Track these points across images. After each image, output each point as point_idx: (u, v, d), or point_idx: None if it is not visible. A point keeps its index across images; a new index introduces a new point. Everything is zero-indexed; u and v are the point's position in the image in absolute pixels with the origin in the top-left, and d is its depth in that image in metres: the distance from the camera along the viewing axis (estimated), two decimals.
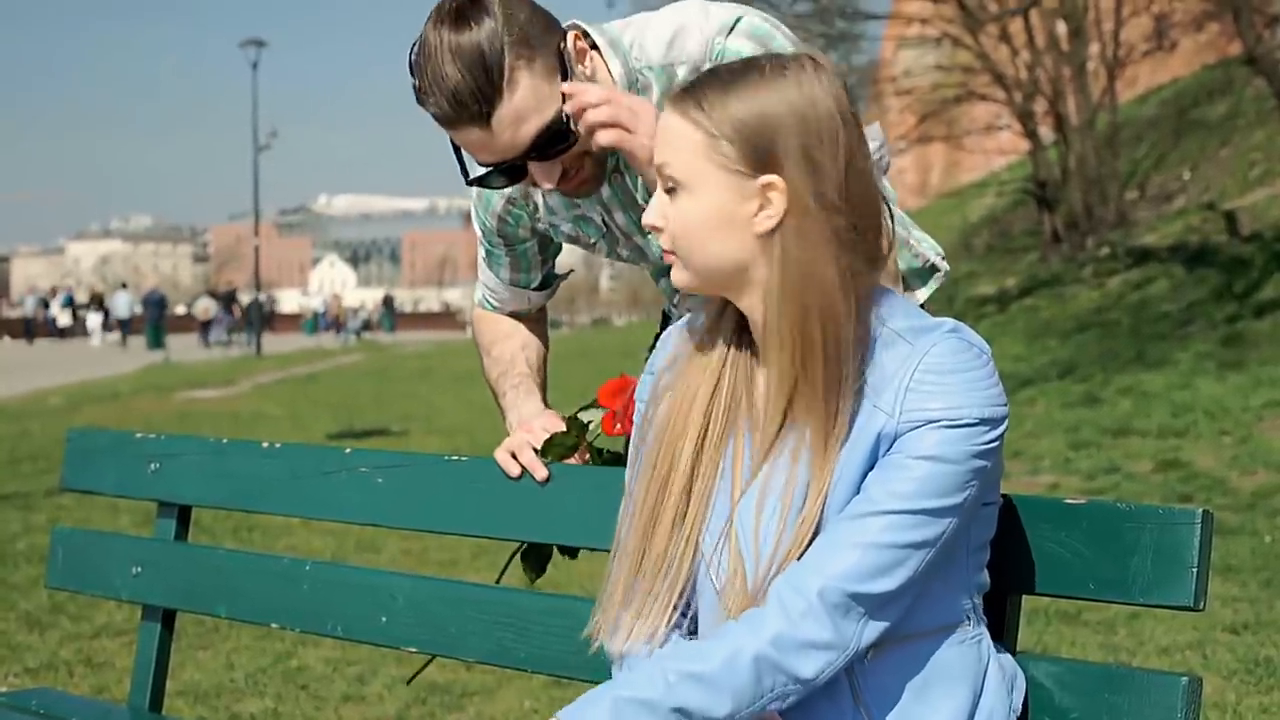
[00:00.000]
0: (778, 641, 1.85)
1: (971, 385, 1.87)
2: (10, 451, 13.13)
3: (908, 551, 1.86)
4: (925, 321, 1.94)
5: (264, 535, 8.46)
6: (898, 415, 1.88)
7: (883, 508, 1.86)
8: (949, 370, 1.88)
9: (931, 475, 1.86)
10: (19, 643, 6.06)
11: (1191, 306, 15.72)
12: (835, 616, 1.85)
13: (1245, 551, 7.06)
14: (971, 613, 1.97)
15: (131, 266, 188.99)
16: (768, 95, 1.92)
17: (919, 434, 1.87)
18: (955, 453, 1.86)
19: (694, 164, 1.93)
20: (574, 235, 2.78)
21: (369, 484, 2.89)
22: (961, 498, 1.87)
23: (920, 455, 1.86)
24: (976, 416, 1.86)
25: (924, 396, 1.87)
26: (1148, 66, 30.17)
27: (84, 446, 3.48)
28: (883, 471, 1.89)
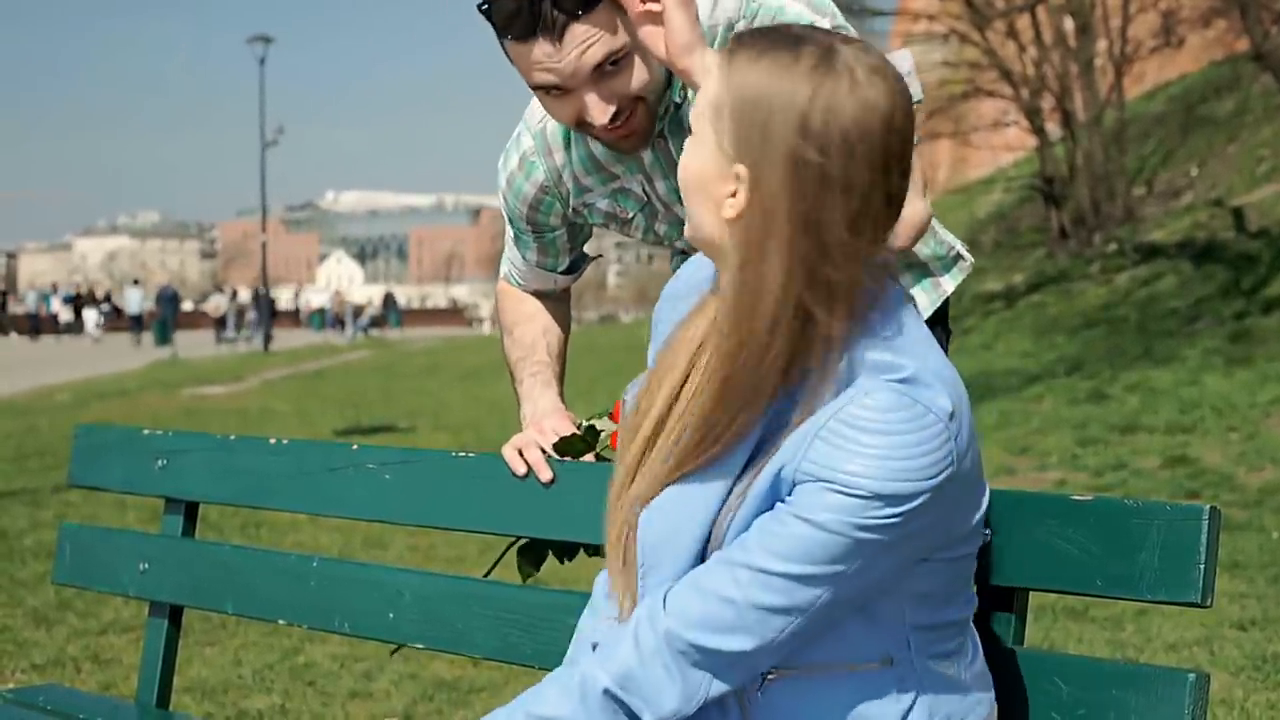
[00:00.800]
0: (625, 680, 1.77)
1: (886, 454, 1.67)
2: (18, 447, 13.14)
3: (766, 614, 1.72)
4: (890, 359, 1.74)
5: (271, 531, 8.47)
6: (796, 461, 1.72)
7: (753, 563, 1.73)
8: (865, 429, 1.68)
9: (808, 540, 1.70)
10: (26, 639, 6.07)
11: (1199, 303, 15.71)
12: (681, 664, 1.75)
13: (1253, 548, 7.05)
14: (901, 653, 1.82)
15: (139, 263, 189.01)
16: (786, 81, 1.71)
17: (806, 489, 1.71)
18: (836, 522, 1.68)
19: (701, 118, 1.79)
20: (611, 211, 2.72)
21: (376, 480, 2.89)
22: (840, 568, 1.70)
23: (801, 515, 1.70)
24: (871, 491, 1.67)
25: (829, 451, 1.69)
26: (1155, 63, 30.15)
27: (91, 443, 3.49)
28: (767, 521, 1.75)
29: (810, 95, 1.69)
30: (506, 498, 2.66)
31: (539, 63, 2.35)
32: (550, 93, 2.41)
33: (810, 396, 1.75)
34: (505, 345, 2.92)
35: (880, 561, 1.73)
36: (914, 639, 1.83)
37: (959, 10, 23.72)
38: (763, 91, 1.71)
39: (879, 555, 1.72)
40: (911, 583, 1.80)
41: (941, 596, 1.85)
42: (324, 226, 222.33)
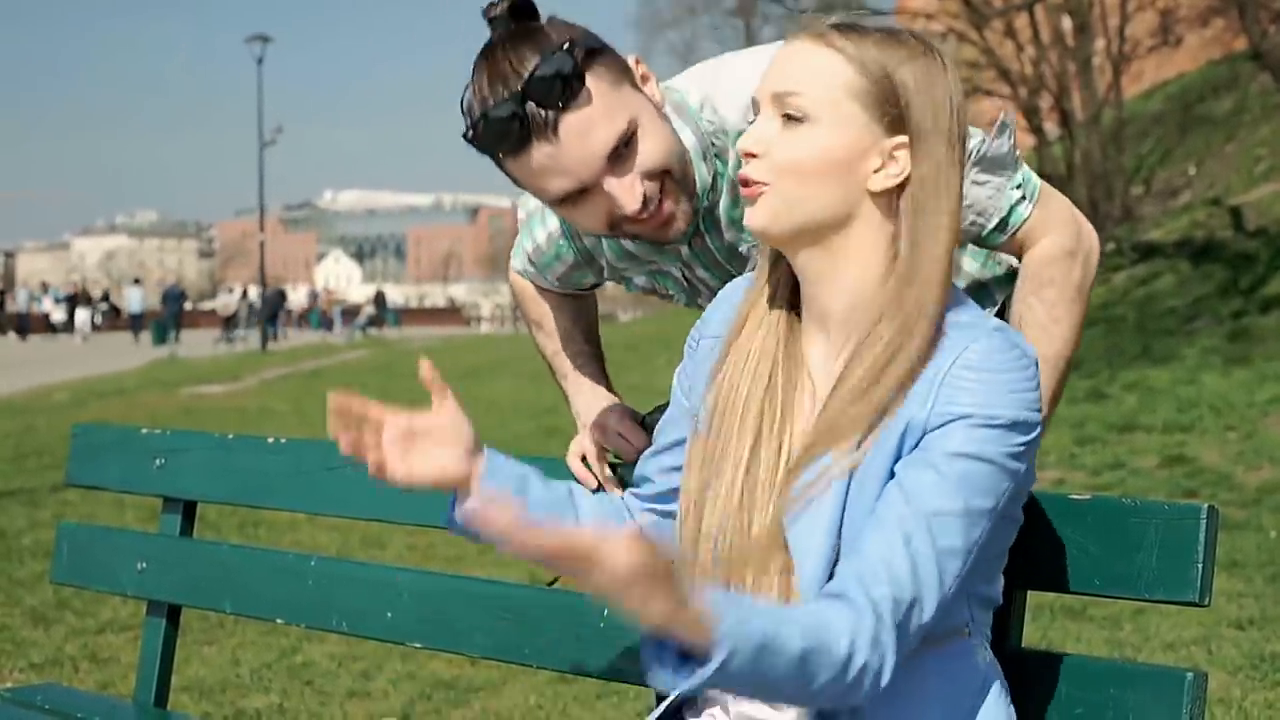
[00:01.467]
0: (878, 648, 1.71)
1: (1008, 386, 1.79)
2: (16, 447, 13.14)
3: (953, 556, 1.76)
4: (972, 317, 1.87)
5: (269, 531, 8.47)
6: (929, 408, 1.79)
7: (924, 508, 1.76)
8: (988, 369, 1.79)
9: (969, 474, 1.77)
10: (24, 638, 6.07)
11: (1197, 302, 15.71)
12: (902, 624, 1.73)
13: (1251, 547, 7.05)
14: (970, 623, 1.88)
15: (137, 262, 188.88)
16: (918, 64, 1.86)
17: (948, 430, 1.78)
18: (990, 452, 1.77)
19: (834, 98, 1.84)
20: (649, 287, 2.65)
21: (374, 479, 2.89)
22: (994, 500, 1.79)
23: (956, 452, 1.77)
24: (1010, 419, 1.78)
25: (958, 392, 1.79)
26: (1153, 62, 30.13)
27: (89, 442, 3.49)
28: (915, 470, 1.79)
29: (943, 76, 1.88)
30: None
31: (546, 169, 2.20)
32: (572, 201, 2.25)
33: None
34: (537, 340, 2.82)
35: (1010, 496, 1.82)
36: (976, 613, 1.89)
37: (957, 9, 23.72)
38: (919, 72, 1.86)
39: (1011, 488, 1.81)
40: (992, 538, 1.84)
41: (996, 565, 1.92)
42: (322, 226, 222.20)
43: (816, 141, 1.85)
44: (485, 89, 2.18)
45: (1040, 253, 2.34)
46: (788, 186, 1.86)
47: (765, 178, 1.87)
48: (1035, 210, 2.32)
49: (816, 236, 1.88)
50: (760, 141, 1.88)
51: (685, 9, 46.24)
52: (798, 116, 1.86)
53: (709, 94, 2.33)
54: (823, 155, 1.85)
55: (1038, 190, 2.33)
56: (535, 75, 2.12)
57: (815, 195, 1.86)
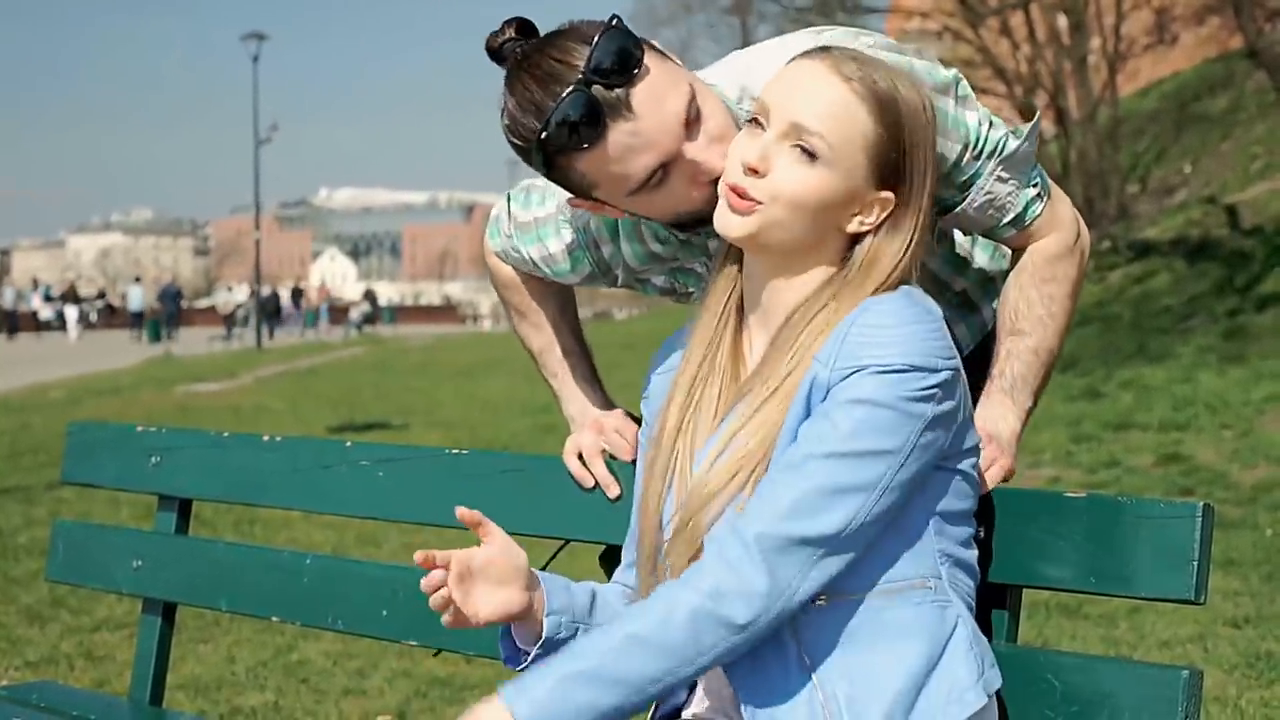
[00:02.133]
0: (715, 593, 1.84)
1: (907, 337, 1.88)
2: (11, 445, 13.13)
3: (844, 494, 1.85)
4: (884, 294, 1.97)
5: (265, 528, 8.46)
6: (830, 365, 1.89)
7: (815, 450, 1.87)
8: (885, 324, 1.89)
9: (863, 419, 1.86)
10: (19, 636, 6.06)
11: (1193, 300, 15.72)
12: (772, 560, 1.84)
13: (1246, 545, 7.05)
14: (936, 579, 1.94)
15: (132, 260, 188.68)
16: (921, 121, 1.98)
17: (850, 381, 1.88)
18: (885, 396, 1.86)
19: (850, 149, 1.94)
20: (668, 287, 2.60)
21: (370, 477, 2.89)
22: (898, 441, 1.86)
23: (850, 399, 1.87)
24: (906, 363, 1.86)
25: (857, 346, 1.88)
26: (1149, 60, 30.17)
27: (85, 440, 3.48)
28: (814, 420, 1.90)
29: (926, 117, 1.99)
30: (500, 495, 2.66)
31: (628, 148, 2.10)
32: (655, 183, 2.14)
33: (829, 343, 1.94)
34: (520, 330, 2.75)
35: (922, 442, 1.88)
36: (944, 568, 1.95)
37: (952, 8, 23.75)
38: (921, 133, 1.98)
39: (922, 433, 1.88)
40: (934, 493, 1.93)
41: (960, 523, 1.97)
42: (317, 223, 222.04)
43: (823, 184, 1.94)
44: (538, 95, 2.09)
45: (1045, 248, 2.39)
46: (778, 213, 1.95)
47: (761, 198, 1.95)
48: (1046, 208, 2.38)
49: (781, 254, 2.00)
50: (765, 161, 1.95)
51: (681, 6, 46.11)
52: (811, 154, 1.94)
53: (745, 86, 2.28)
54: (824, 198, 1.95)
55: (1050, 189, 2.40)
56: (595, 58, 2.06)
57: (800, 225, 1.97)
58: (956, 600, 1.95)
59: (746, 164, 1.95)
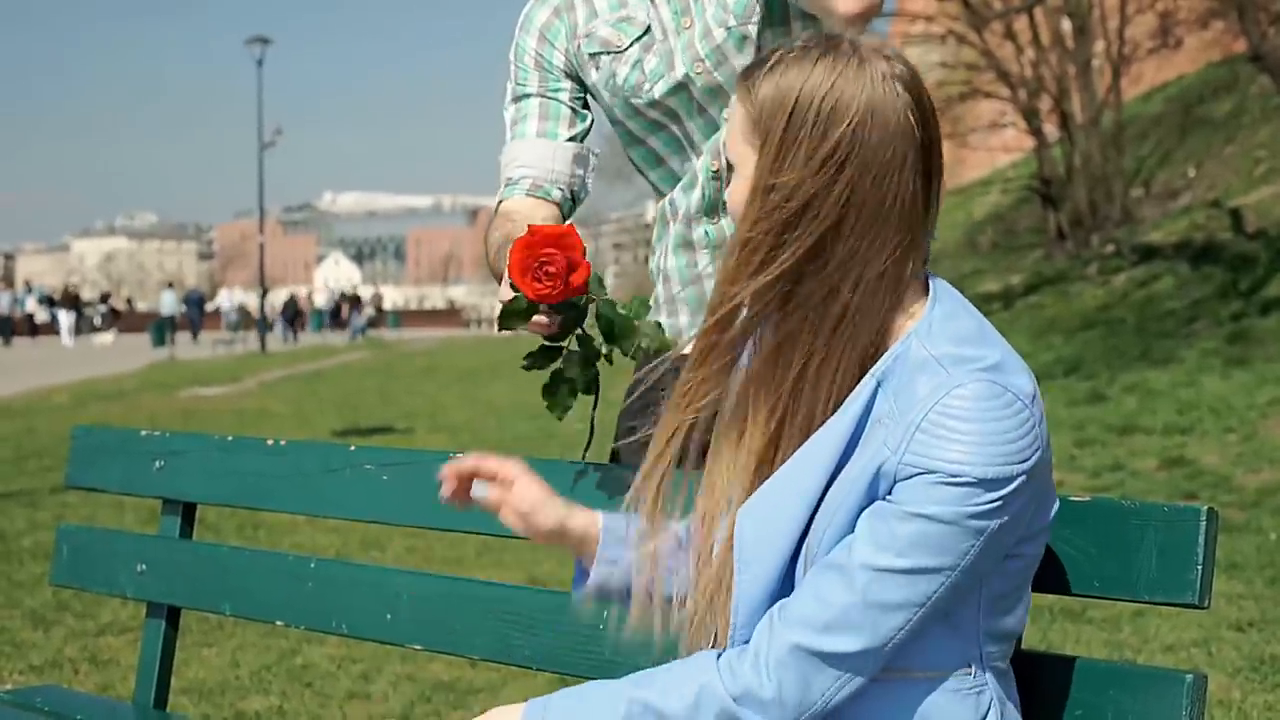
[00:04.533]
0: (743, 698, 1.79)
1: (985, 439, 1.74)
2: (16, 449, 13.14)
3: (890, 611, 1.76)
4: (969, 351, 1.82)
5: (269, 533, 8.47)
6: (900, 455, 1.76)
7: (868, 562, 1.77)
8: (965, 418, 1.74)
9: (922, 533, 1.75)
10: (24, 640, 6.07)
11: (1197, 304, 15.71)
12: (808, 674, 1.78)
13: (1250, 549, 7.05)
14: (976, 662, 1.86)
15: (136, 264, 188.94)
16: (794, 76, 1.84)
17: (913, 483, 1.75)
18: (948, 513, 1.74)
19: (739, 147, 1.89)
20: (608, 39, 2.74)
21: (374, 481, 2.89)
22: (954, 559, 1.75)
23: (911, 510, 1.75)
24: (977, 476, 1.73)
25: (930, 442, 1.74)
26: (1153, 64, 30.17)
27: (89, 444, 3.49)
28: (872, 520, 1.78)
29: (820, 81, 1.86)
30: None
31: None
32: None
33: (898, 389, 1.81)
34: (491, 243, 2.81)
35: (984, 551, 1.77)
36: (986, 648, 1.87)
37: (957, 11, 23.75)
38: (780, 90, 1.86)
39: (984, 544, 1.76)
40: (992, 583, 1.84)
41: (1011, 601, 1.89)
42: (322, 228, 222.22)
43: (737, 190, 1.90)
44: None
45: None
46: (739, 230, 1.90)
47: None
48: None
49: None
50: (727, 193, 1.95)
51: None
52: (731, 167, 1.92)
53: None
54: (740, 199, 1.89)
55: None
56: None
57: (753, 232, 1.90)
58: (991, 682, 1.88)
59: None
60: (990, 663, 1.88)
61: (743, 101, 1.89)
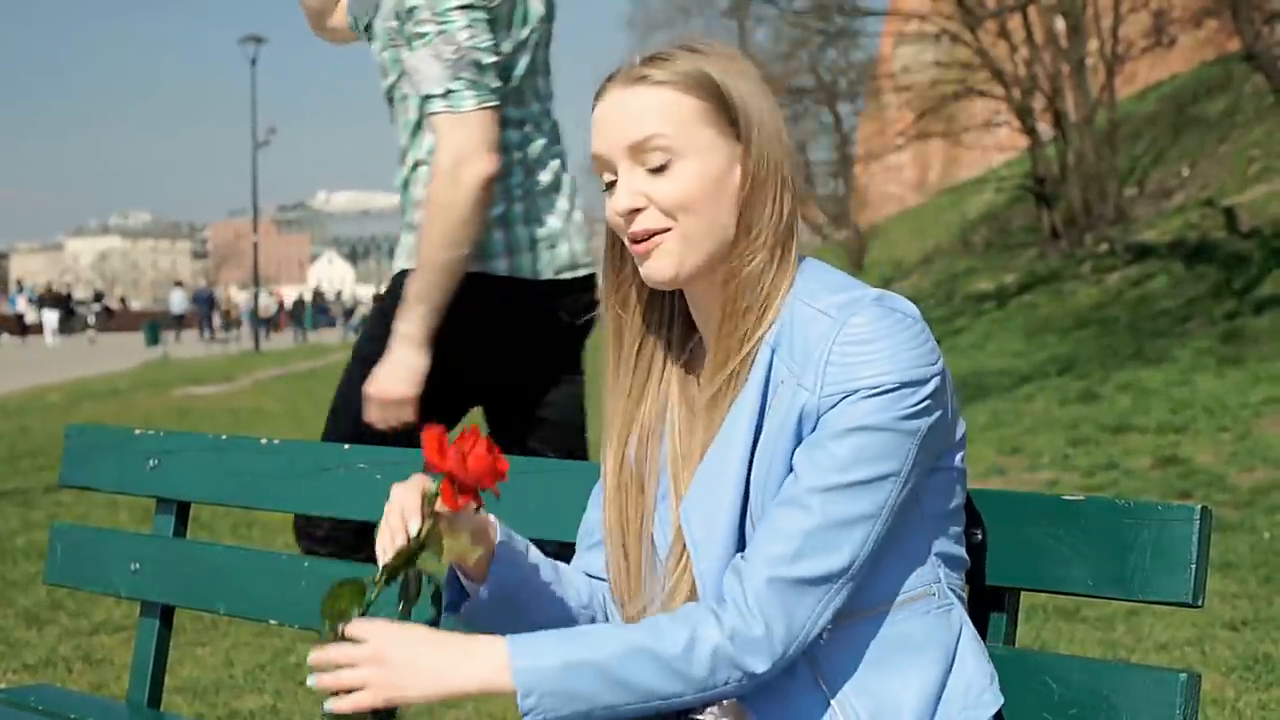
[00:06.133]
0: (735, 637, 1.82)
1: (893, 351, 1.83)
2: (9, 448, 13.13)
3: (850, 526, 1.83)
4: (850, 295, 1.90)
5: (263, 532, 8.46)
6: (819, 391, 1.85)
7: (816, 485, 1.83)
8: (867, 340, 1.84)
9: (860, 445, 1.82)
10: (18, 639, 6.06)
11: (1190, 303, 15.73)
12: (788, 605, 1.82)
13: (1244, 548, 7.05)
14: (935, 584, 1.93)
15: (130, 263, 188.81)
16: (732, 67, 1.95)
17: (841, 407, 1.83)
18: (880, 419, 1.82)
19: (688, 130, 1.92)
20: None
21: (368, 481, 2.89)
22: (897, 464, 1.84)
23: (845, 427, 1.83)
24: (897, 380, 1.82)
25: (843, 369, 1.84)
26: (1147, 63, 30.18)
27: (83, 443, 3.48)
28: (809, 450, 1.86)
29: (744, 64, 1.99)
30: (499, 498, 2.66)
31: None
32: None
33: (792, 349, 1.90)
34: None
35: (920, 455, 1.86)
36: (941, 570, 1.95)
37: (950, 10, 23.76)
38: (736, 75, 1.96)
39: (919, 446, 1.86)
40: (929, 498, 1.92)
41: (951, 521, 1.97)
42: (316, 227, 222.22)
43: (692, 174, 1.92)
44: None
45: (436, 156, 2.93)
46: (690, 222, 1.93)
47: (663, 223, 1.93)
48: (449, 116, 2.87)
49: (717, 257, 1.96)
50: (638, 195, 1.93)
51: (678, 10, 46.25)
52: (662, 162, 1.92)
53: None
54: (703, 185, 1.93)
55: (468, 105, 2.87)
56: None
57: (713, 219, 1.94)
58: (955, 600, 1.96)
59: (623, 210, 1.94)
60: (952, 584, 1.96)
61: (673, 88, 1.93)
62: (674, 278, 1.95)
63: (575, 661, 1.81)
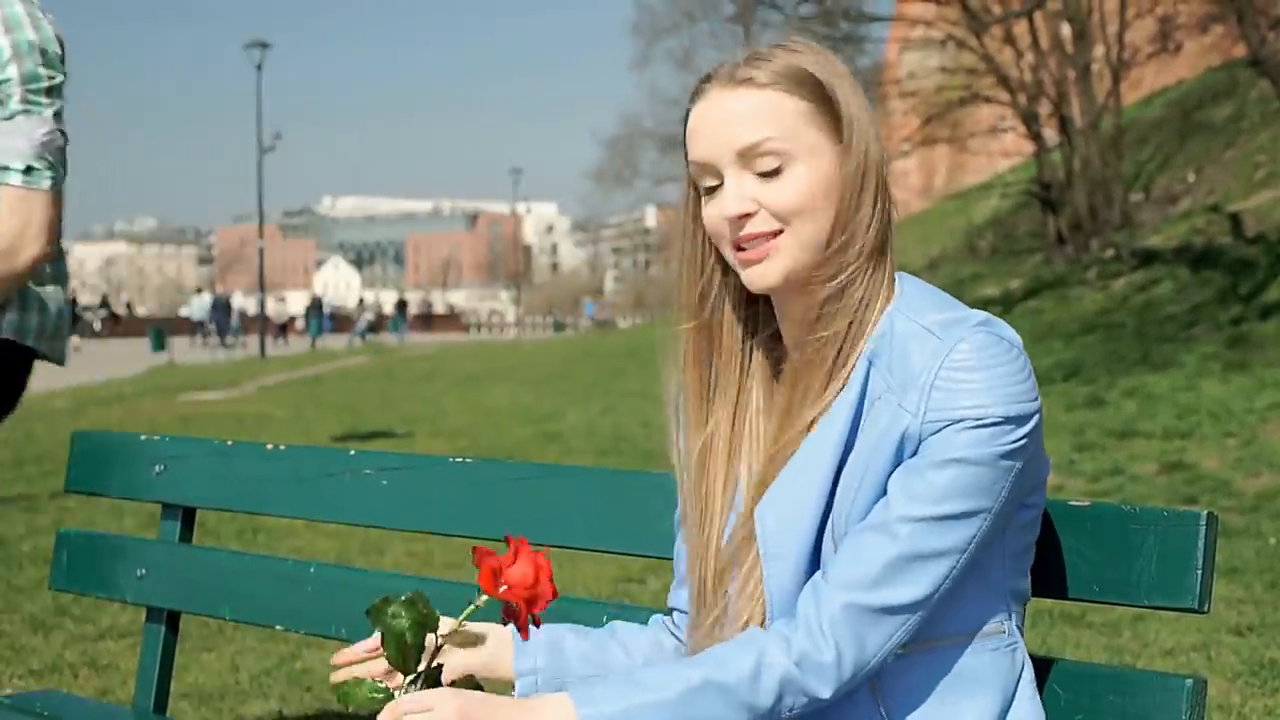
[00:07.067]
0: (803, 662, 1.80)
1: (998, 382, 1.80)
2: (15, 453, 13.13)
3: (934, 559, 1.81)
4: (955, 314, 1.87)
5: (268, 537, 8.46)
6: (921, 415, 1.82)
7: (906, 514, 1.81)
8: (975, 367, 1.81)
9: (957, 478, 1.80)
10: (24, 645, 6.06)
11: (1196, 308, 15.72)
12: (860, 632, 1.80)
13: (1250, 553, 7.05)
14: (1006, 620, 1.92)
15: (136, 269, 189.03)
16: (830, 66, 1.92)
17: (942, 435, 1.81)
18: (980, 454, 1.80)
19: (797, 132, 1.88)
20: None
21: (374, 486, 2.89)
22: (990, 500, 1.82)
23: (944, 458, 1.80)
24: (1001, 415, 1.80)
25: (948, 395, 1.81)
26: (1152, 69, 30.21)
27: (89, 449, 3.48)
28: (905, 476, 1.83)
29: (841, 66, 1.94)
30: (503, 503, 2.66)
31: None
32: None
33: (891, 364, 1.87)
34: None
35: (1011, 492, 1.84)
36: (1013, 608, 1.94)
37: (956, 16, 23.77)
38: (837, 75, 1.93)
39: (1011, 484, 1.84)
40: (1011, 535, 1.90)
41: (1027, 559, 1.96)
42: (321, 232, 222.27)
43: (807, 178, 1.89)
44: None
45: None
46: (800, 231, 1.89)
47: (774, 226, 1.89)
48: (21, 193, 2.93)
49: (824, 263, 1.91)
50: (748, 200, 1.90)
51: (684, 15, 46.26)
52: (774, 166, 1.89)
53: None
54: (816, 186, 1.89)
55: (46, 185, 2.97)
56: None
57: (822, 225, 1.90)
58: (1019, 639, 1.95)
59: (733, 216, 1.90)
60: (1019, 618, 1.95)
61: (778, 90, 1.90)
62: (781, 283, 1.91)
63: (640, 704, 1.79)
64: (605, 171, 67.85)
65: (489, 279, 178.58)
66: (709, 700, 1.79)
